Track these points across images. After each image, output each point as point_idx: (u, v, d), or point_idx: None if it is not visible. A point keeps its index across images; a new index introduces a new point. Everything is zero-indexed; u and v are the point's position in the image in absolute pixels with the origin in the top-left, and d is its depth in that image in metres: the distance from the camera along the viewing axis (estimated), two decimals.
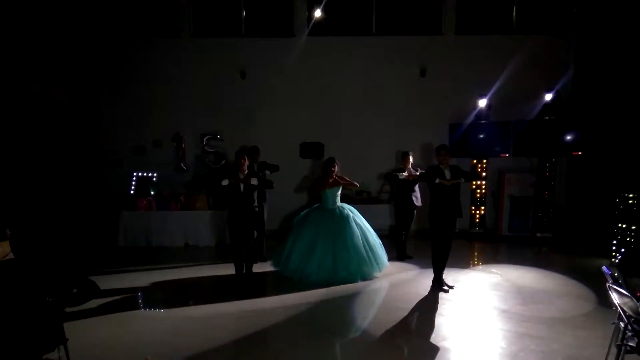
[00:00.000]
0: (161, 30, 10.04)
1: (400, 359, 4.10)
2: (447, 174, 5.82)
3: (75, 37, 9.48)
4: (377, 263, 6.42)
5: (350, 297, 5.72)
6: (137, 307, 5.64)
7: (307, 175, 9.80)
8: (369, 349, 4.20)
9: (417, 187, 7.46)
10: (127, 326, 4.78)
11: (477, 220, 9.50)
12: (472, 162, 9.33)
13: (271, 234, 8.55)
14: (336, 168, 6.56)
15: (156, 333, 4.61)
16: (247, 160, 5.97)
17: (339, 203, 6.62)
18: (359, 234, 6.37)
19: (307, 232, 6.35)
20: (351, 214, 6.53)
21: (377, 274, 6.45)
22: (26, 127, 8.07)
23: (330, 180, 6.52)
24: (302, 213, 6.77)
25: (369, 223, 6.70)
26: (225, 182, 5.82)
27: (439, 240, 5.86)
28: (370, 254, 6.37)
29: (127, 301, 5.68)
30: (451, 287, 5.93)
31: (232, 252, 6.14)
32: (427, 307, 5.33)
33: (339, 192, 6.63)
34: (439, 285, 5.92)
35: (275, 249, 6.79)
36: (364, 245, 6.36)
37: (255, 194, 6.02)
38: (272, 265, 6.66)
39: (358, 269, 6.22)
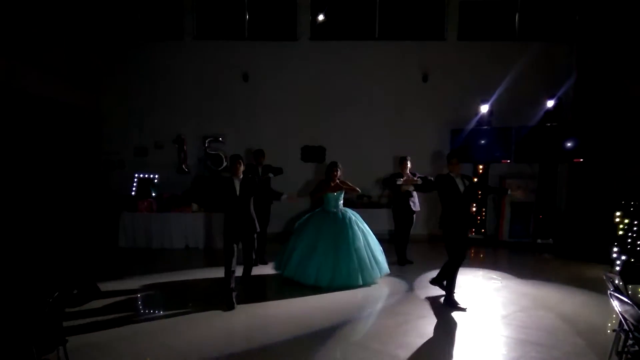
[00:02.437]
0: (164, 32, 10.07)
1: None
2: (459, 183, 5.47)
3: (78, 38, 9.51)
4: (377, 268, 6.39)
5: (350, 302, 5.70)
6: (137, 309, 5.63)
7: (310, 179, 9.78)
8: (367, 354, 4.18)
9: (415, 192, 7.45)
10: (127, 328, 4.77)
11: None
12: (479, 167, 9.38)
13: (274, 237, 8.57)
14: (338, 172, 6.54)
15: (156, 335, 4.60)
16: (242, 165, 5.58)
17: (341, 207, 6.62)
18: (360, 238, 6.35)
19: (309, 235, 6.32)
20: (353, 218, 6.52)
21: (377, 279, 6.42)
22: (28, 128, 8.08)
23: (332, 185, 6.52)
24: (304, 217, 6.74)
25: (369, 227, 6.68)
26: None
27: (458, 252, 5.44)
28: (371, 258, 6.35)
29: (127, 303, 5.68)
30: (464, 310, 5.39)
31: (225, 263, 5.48)
32: (427, 313, 5.31)
33: (342, 197, 6.63)
34: (450, 305, 5.44)
35: (277, 252, 6.77)
36: (365, 250, 6.33)
37: (251, 202, 5.63)
38: (274, 268, 6.64)
39: (359, 273, 6.18)
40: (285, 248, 6.53)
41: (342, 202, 6.64)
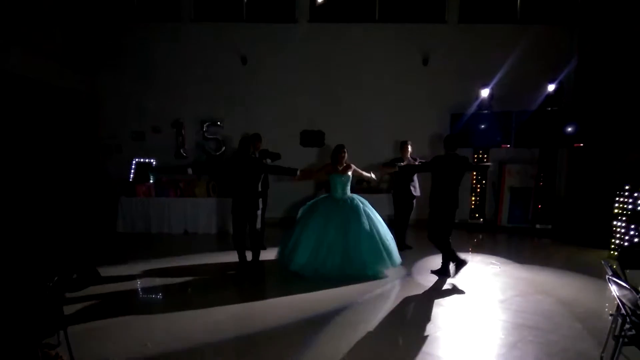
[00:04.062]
0: (162, 14, 9.91)
1: (398, 349, 4.11)
2: (452, 162, 5.78)
3: (74, 21, 9.36)
4: (388, 257, 5.97)
5: (350, 288, 5.64)
6: (136, 294, 5.65)
7: (314, 164, 9.70)
8: (366, 338, 4.20)
9: (415, 177, 7.41)
10: (127, 313, 4.79)
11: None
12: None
13: (275, 222, 8.55)
14: (345, 156, 6.32)
15: (155, 320, 4.62)
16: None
17: (348, 193, 6.28)
18: (368, 226, 5.92)
19: (315, 225, 5.91)
20: (361, 205, 6.12)
21: (388, 269, 6.06)
22: (24, 113, 8.00)
23: (340, 168, 6.27)
24: (308, 203, 6.41)
25: None
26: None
27: (443, 228, 5.92)
28: (381, 247, 5.94)
29: (126, 287, 5.68)
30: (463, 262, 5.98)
31: (234, 241, 5.95)
32: (426, 297, 5.34)
33: (349, 182, 6.29)
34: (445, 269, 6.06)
35: (279, 238, 6.62)
36: (376, 238, 5.92)
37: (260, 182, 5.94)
38: (277, 257, 6.36)
39: (368, 264, 5.82)
40: (289, 237, 6.12)
41: (349, 188, 6.32)
